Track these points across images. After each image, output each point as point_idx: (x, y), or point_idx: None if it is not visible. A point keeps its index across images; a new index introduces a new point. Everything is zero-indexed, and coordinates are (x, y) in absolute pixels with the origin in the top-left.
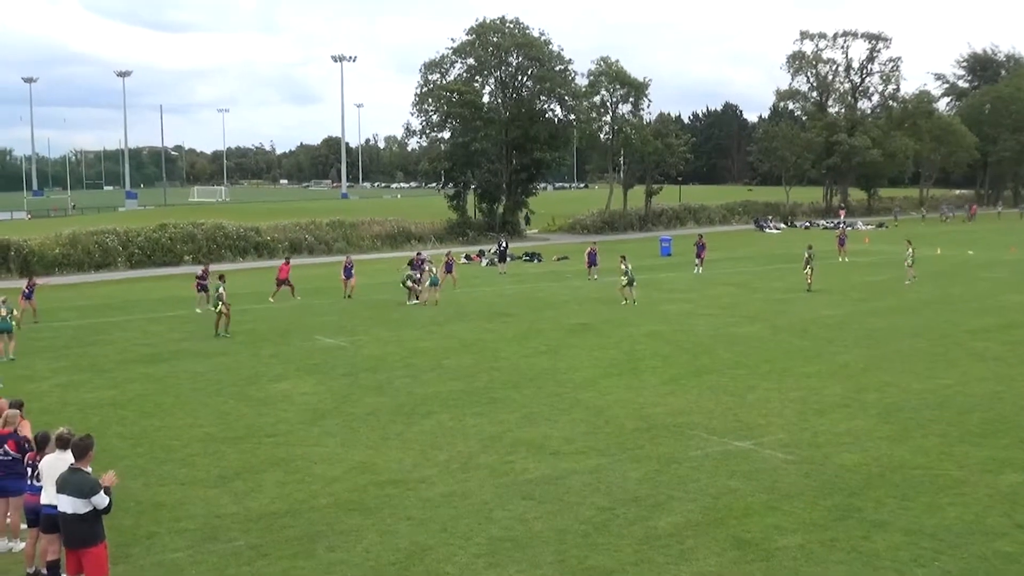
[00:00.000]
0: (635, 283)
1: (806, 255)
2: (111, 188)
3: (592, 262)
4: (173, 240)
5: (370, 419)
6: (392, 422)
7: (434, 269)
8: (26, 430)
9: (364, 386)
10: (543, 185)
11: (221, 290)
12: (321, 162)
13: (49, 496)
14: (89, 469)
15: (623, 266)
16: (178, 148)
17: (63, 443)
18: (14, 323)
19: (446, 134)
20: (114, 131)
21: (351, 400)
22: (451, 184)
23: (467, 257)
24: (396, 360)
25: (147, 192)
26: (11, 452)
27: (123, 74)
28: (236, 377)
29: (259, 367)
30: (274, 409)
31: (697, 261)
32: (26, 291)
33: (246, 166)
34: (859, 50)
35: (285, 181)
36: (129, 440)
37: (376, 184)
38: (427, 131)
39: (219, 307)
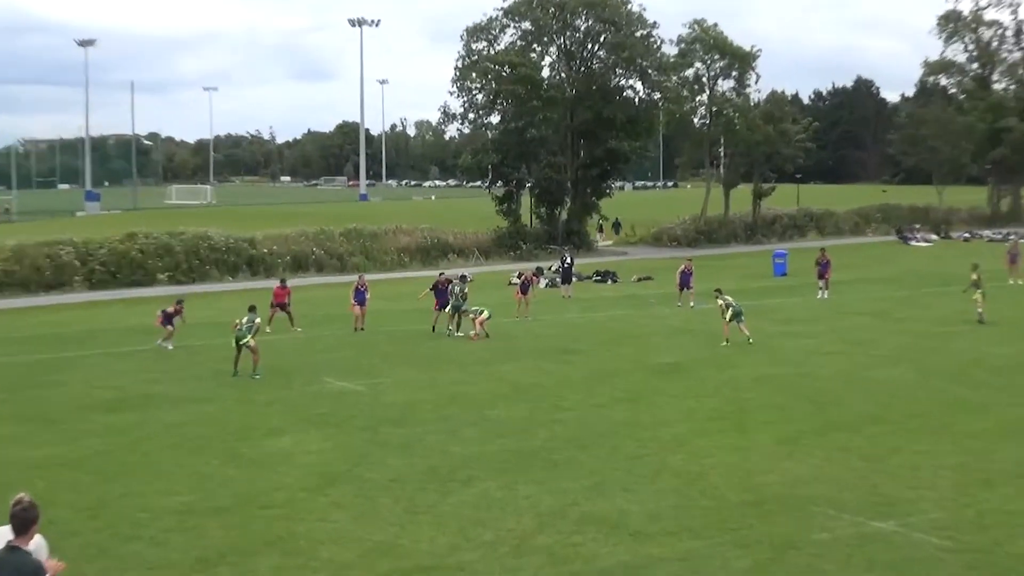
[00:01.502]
0: (743, 315)
1: (973, 276)
2: (67, 187)
3: (685, 284)
4: (145, 253)
5: (393, 487)
6: (422, 491)
7: (463, 289)
8: None
9: (386, 443)
10: (619, 184)
11: (257, 320)
12: (334, 154)
13: None
14: (32, 548)
15: (720, 301)
16: (153, 136)
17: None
18: None
19: (495, 118)
20: (73, 115)
21: (369, 461)
22: (500, 183)
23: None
24: (428, 409)
25: (113, 192)
26: None
27: (85, 43)
28: (223, 430)
29: (252, 417)
30: (270, 472)
31: (821, 283)
32: None
33: (239, 159)
34: None
35: (288, 178)
36: (84, 511)
37: (404, 182)
38: (470, 115)
39: (247, 340)
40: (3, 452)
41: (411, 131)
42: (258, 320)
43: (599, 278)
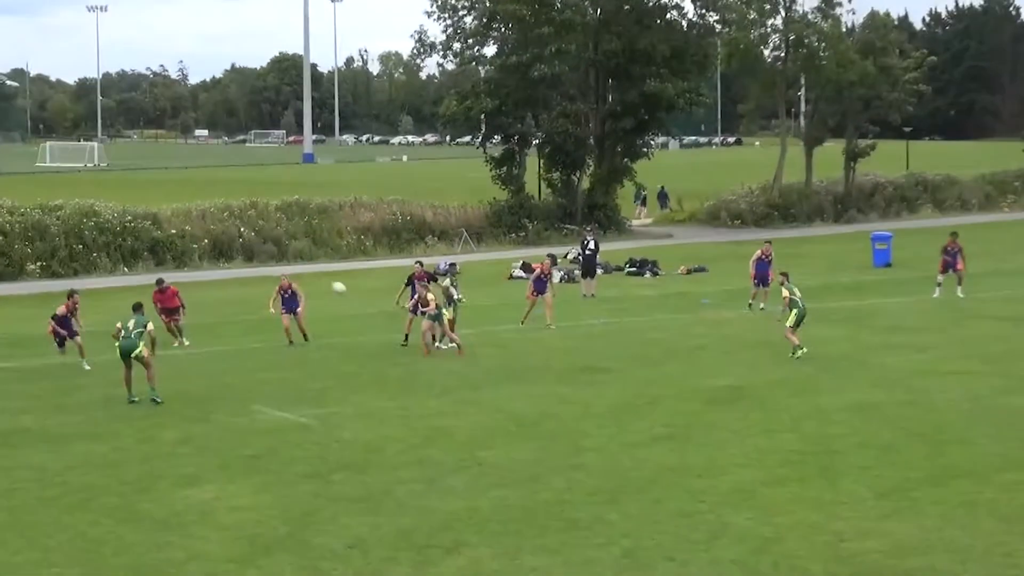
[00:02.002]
0: (806, 317)
1: None
2: None
3: (762, 278)
4: (8, 236)
5: (352, 556)
6: (390, 562)
7: (455, 293)
8: None
9: (341, 496)
10: (662, 140)
11: (149, 325)
12: (268, 100)
13: None
14: None
15: (785, 291)
16: (17, 75)
17: None
18: None
19: (489, 50)
20: None
21: (318, 521)
22: (498, 138)
23: (524, 268)
24: (398, 450)
25: None
26: None
27: None
28: (117, 479)
29: (157, 461)
30: (183, 536)
31: (940, 278)
32: None
33: (136, 107)
34: None
35: (204, 133)
36: None
37: (365, 138)
38: (455, 44)
39: (138, 350)
40: None
41: (374, 67)
42: (150, 325)
43: (634, 269)
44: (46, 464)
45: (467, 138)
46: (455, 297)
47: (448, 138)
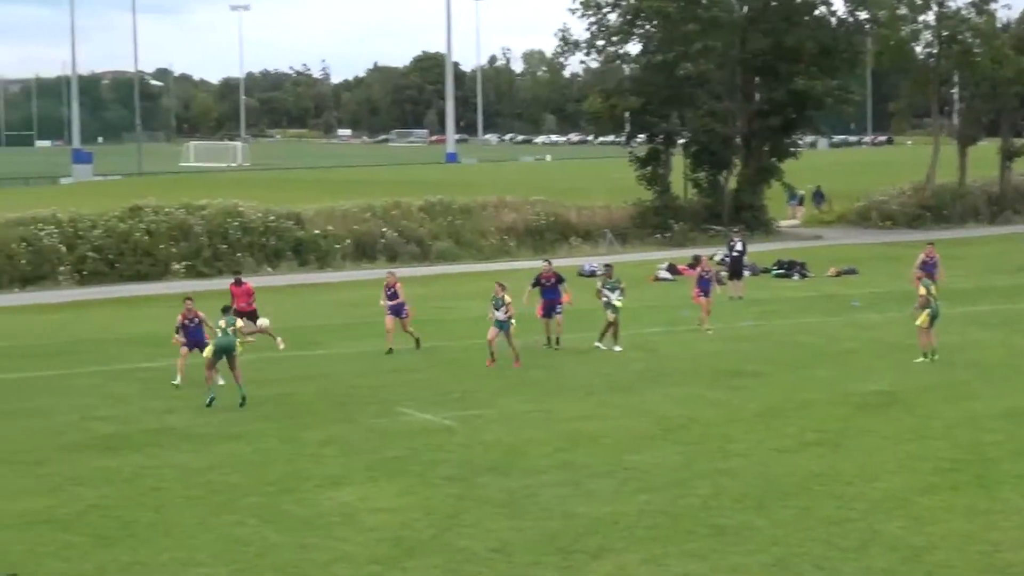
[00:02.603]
0: (938, 318)
1: None
2: (48, 144)
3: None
4: (153, 236)
5: (496, 560)
6: (536, 566)
7: (610, 296)
8: None
9: (486, 499)
10: (810, 139)
11: (240, 323)
12: (411, 99)
13: None
14: None
15: (923, 287)
16: (163, 75)
17: None
18: None
19: (634, 47)
20: (55, 46)
21: (462, 524)
22: (643, 137)
23: (670, 269)
24: (542, 453)
25: (110, 152)
26: None
27: None
28: (261, 479)
29: (301, 462)
30: (327, 537)
31: None
32: None
33: (279, 106)
34: None
35: (347, 132)
36: None
37: (508, 137)
38: (599, 42)
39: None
40: None
41: (517, 66)
42: (239, 322)
43: (782, 271)
44: (190, 464)
45: (611, 137)
46: (610, 300)
47: (592, 137)
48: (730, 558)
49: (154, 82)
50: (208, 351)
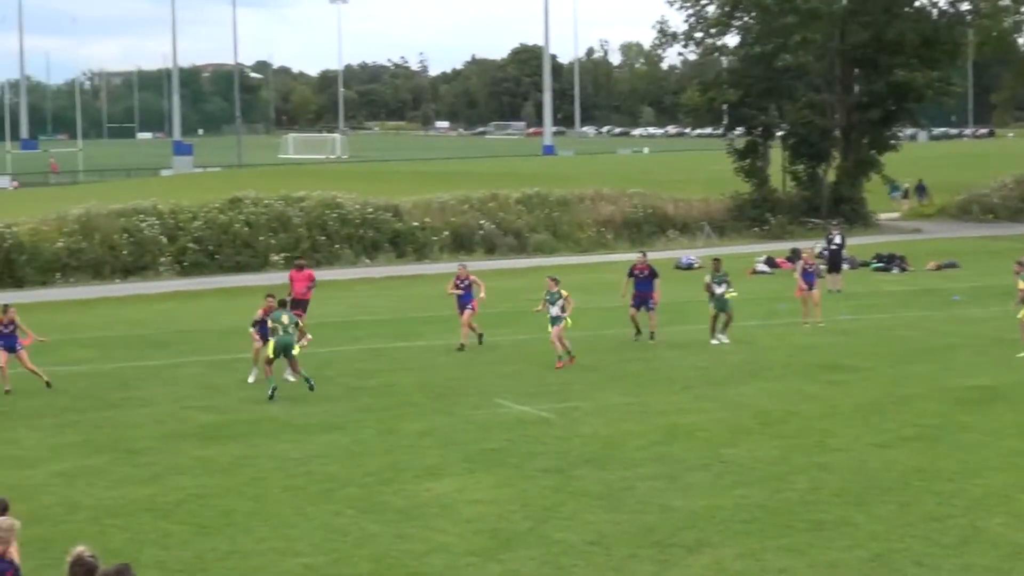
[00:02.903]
0: None
1: None
2: (150, 136)
3: None
4: (253, 227)
5: (593, 552)
6: (632, 559)
7: (716, 288)
8: (14, 552)
9: (582, 492)
10: (910, 131)
11: (304, 318)
12: (508, 92)
13: None
14: None
15: (1021, 280)
16: (262, 67)
17: (83, 575)
18: None
19: (732, 39)
20: (156, 39)
21: (559, 516)
22: (740, 130)
23: (768, 262)
24: (639, 447)
25: (209, 143)
26: None
27: None
28: (360, 470)
29: (399, 453)
30: (424, 528)
31: None
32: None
33: (378, 98)
34: None
35: (445, 124)
36: (177, 573)
37: (605, 129)
38: (697, 34)
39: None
40: (71, 492)
41: (614, 58)
42: (304, 318)
43: (880, 265)
44: (290, 454)
45: (709, 130)
46: (716, 292)
47: (690, 129)
48: (828, 554)
49: (254, 75)
50: (268, 349)
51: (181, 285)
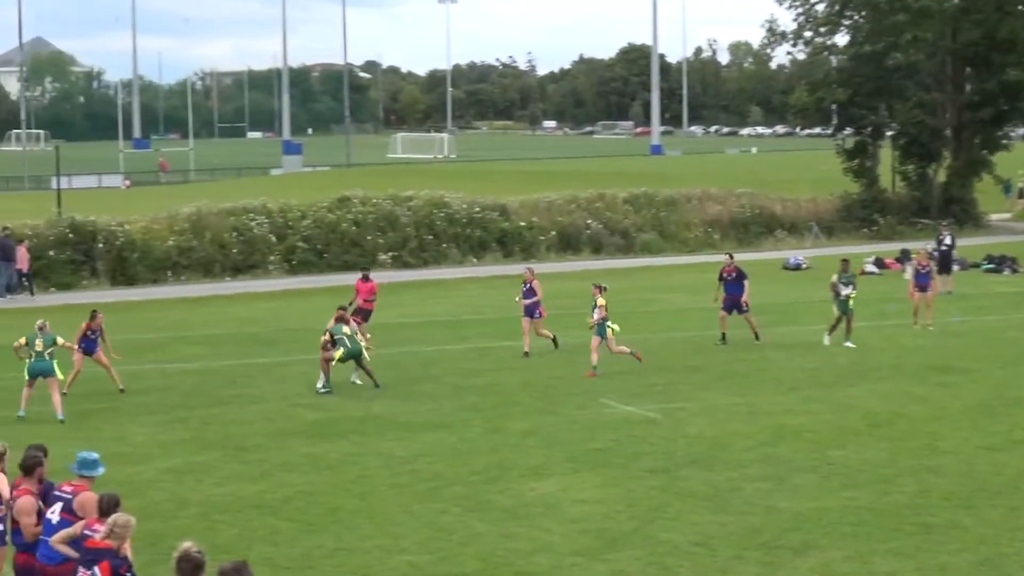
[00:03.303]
0: None
1: None
2: (259, 135)
3: None
4: (361, 226)
5: (699, 553)
6: (738, 560)
7: (842, 289)
8: (128, 548)
9: (688, 493)
10: (1022, 131)
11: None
12: (616, 91)
13: None
14: None
15: None
16: (371, 67)
17: (190, 570)
18: (56, 363)
19: (841, 39)
20: (266, 38)
21: (665, 517)
22: (850, 129)
23: (877, 263)
24: (746, 448)
25: (318, 142)
26: None
27: None
28: (465, 468)
29: (505, 452)
30: (529, 527)
31: None
32: (88, 334)
33: (486, 98)
34: None
35: (552, 124)
36: (284, 570)
37: (713, 129)
38: (806, 33)
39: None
40: (179, 489)
41: (723, 57)
42: (364, 327)
43: (991, 266)
44: (395, 452)
45: (818, 129)
46: (842, 294)
47: (799, 129)
48: (937, 557)
49: (363, 74)
50: (338, 356)
51: (290, 283)
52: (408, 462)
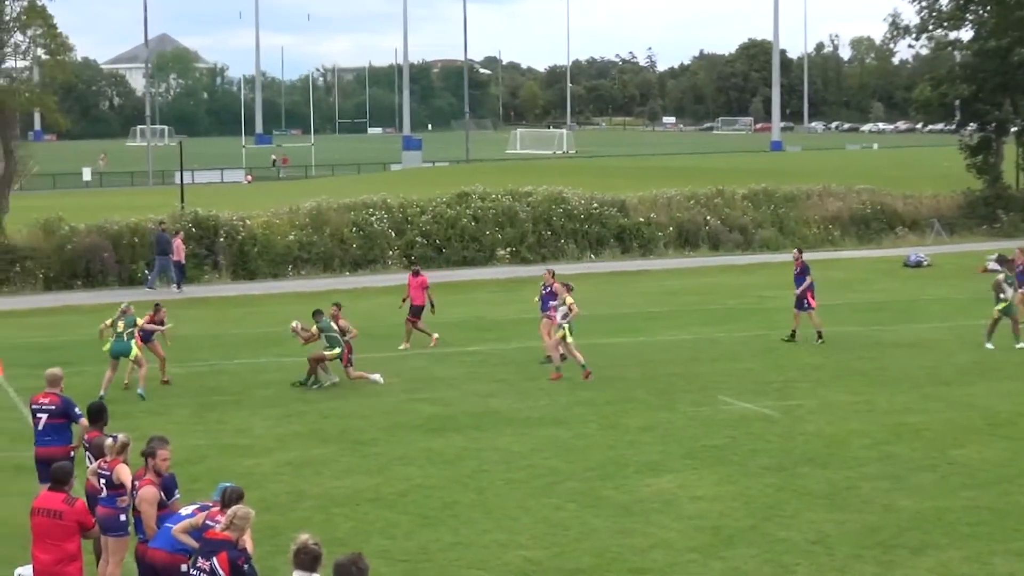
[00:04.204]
0: None
1: None
2: (379, 131)
3: None
4: (480, 222)
5: (816, 552)
6: (855, 559)
7: (1008, 290)
8: (248, 540)
9: (805, 491)
10: None
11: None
12: (736, 87)
13: None
14: None
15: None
16: (491, 63)
17: (308, 562)
18: (136, 348)
19: (966, 34)
20: (387, 35)
21: (781, 515)
22: (974, 126)
23: (999, 260)
24: (864, 446)
25: (437, 138)
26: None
27: None
28: (581, 464)
29: (620, 448)
30: (645, 523)
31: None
32: (146, 326)
33: (605, 94)
34: None
35: (671, 120)
36: (401, 563)
37: (834, 125)
38: (930, 27)
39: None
40: (297, 481)
41: (845, 53)
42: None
43: None
44: (512, 447)
45: (940, 125)
46: (1006, 294)
47: (921, 125)
48: None
49: (483, 70)
50: (334, 354)
51: (407, 278)
52: (524, 457)
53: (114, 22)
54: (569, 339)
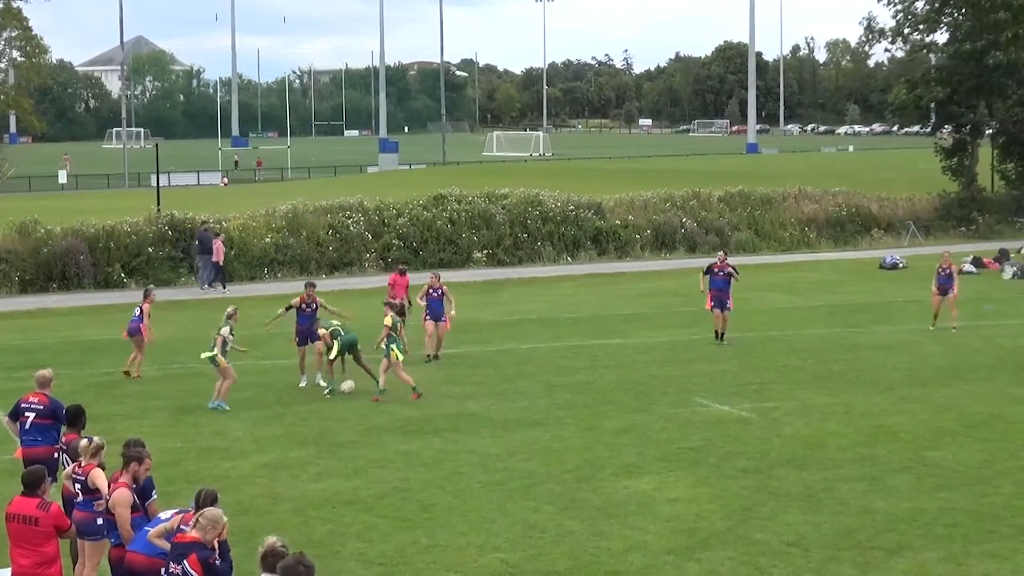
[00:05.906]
0: None
1: None
2: (356, 134)
3: None
4: (456, 224)
5: (792, 554)
6: (831, 561)
7: None
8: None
9: (782, 492)
10: None
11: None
12: (712, 89)
13: None
14: None
15: None
16: (467, 65)
17: (275, 565)
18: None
19: (941, 36)
20: (363, 37)
21: (758, 516)
22: (948, 128)
23: (975, 263)
24: (841, 447)
25: (414, 141)
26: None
27: None
28: (558, 466)
29: (598, 450)
30: (622, 526)
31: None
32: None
33: (581, 96)
34: None
35: (648, 123)
36: (378, 565)
37: (809, 127)
38: (905, 30)
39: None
40: (274, 484)
41: (820, 55)
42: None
43: None
44: (489, 450)
45: (916, 128)
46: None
47: (896, 128)
48: None
49: (459, 73)
50: (335, 351)
51: (385, 281)
52: (501, 460)
53: (89, 24)
54: (395, 360)
